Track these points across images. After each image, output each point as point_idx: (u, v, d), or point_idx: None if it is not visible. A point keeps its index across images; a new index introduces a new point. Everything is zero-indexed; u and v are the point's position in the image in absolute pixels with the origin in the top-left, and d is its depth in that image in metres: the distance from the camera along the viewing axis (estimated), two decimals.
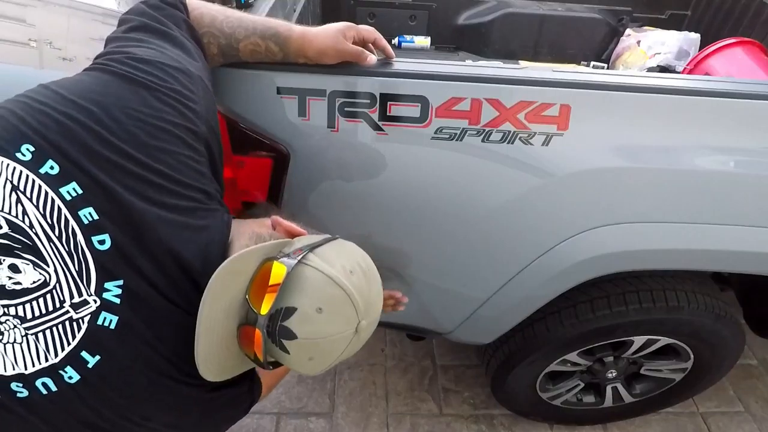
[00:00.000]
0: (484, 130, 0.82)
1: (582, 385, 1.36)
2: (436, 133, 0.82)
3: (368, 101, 0.80)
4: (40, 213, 0.52)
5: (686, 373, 1.30)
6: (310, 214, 0.93)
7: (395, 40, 1.93)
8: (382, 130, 0.82)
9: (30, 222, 0.52)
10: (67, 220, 0.53)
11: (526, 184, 0.86)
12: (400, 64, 0.81)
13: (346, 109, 0.81)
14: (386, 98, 0.80)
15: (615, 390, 1.37)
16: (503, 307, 1.05)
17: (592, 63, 1.94)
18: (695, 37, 1.74)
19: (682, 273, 1.13)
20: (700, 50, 1.65)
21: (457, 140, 0.82)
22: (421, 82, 0.79)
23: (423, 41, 1.93)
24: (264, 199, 0.91)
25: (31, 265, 0.52)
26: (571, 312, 1.12)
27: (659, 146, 0.85)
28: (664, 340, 1.19)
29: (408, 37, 1.94)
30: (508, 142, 0.82)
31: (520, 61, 1.91)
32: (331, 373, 1.63)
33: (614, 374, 1.31)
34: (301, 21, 1.41)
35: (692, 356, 1.24)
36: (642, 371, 1.33)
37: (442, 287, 1.04)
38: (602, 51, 1.95)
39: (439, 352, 1.70)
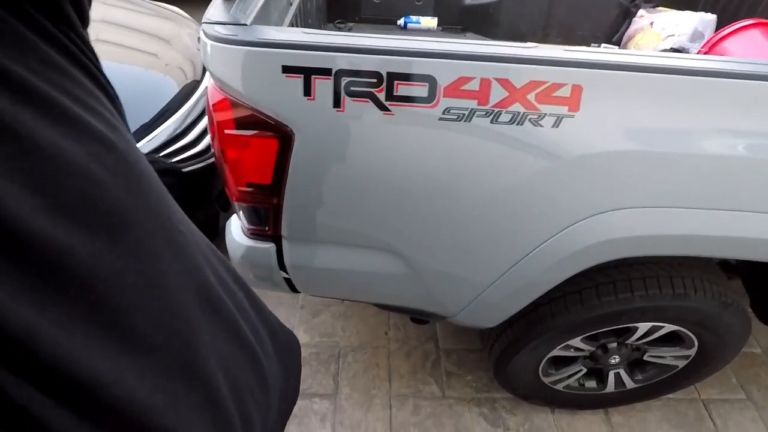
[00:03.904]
0: (492, 111, 0.80)
1: (585, 370, 1.36)
2: (443, 113, 0.80)
3: (375, 80, 0.78)
4: None
5: (690, 360, 1.30)
6: (314, 195, 0.92)
7: (401, 21, 1.89)
8: (389, 110, 0.80)
9: None
10: None
11: (534, 166, 0.84)
12: (408, 42, 0.79)
13: (352, 88, 0.79)
14: (393, 77, 0.78)
15: (617, 376, 1.37)
16: (508, 292, 1.05)
17: (603, 45, 1.90)
18: (711, 18, 1.69)
19: (690, 260, 1.12)
20: (715, 32, 1.61)
21: (465, 121, 0.81)
22: (429, 60, 0.77)
23: (430, 22, 1.90)
24: (270, 182, 0.90)
25: None
26: (576, 297, 1.11)
27: (672, 129, 0.83)
28: (668, 327, 1.19)
29: (414, 18, 1.90)
30: (517, 124, 0.81)
31: (528, 43, 1.87)
32: (335, 355, 1.64)
33: (617, 360, 1.31)
34: (303, 10, 1.36)
35: (697, 343, 1.24)
36: (645, 358, 1.33)
37: (447, 271, 1.03)
38: (613, 33, 1.91)
39: (443, 336, 1.71)
